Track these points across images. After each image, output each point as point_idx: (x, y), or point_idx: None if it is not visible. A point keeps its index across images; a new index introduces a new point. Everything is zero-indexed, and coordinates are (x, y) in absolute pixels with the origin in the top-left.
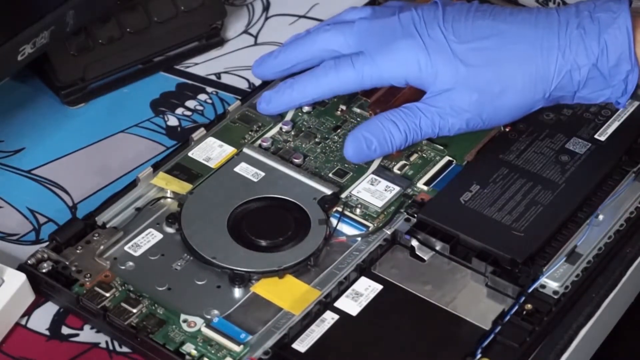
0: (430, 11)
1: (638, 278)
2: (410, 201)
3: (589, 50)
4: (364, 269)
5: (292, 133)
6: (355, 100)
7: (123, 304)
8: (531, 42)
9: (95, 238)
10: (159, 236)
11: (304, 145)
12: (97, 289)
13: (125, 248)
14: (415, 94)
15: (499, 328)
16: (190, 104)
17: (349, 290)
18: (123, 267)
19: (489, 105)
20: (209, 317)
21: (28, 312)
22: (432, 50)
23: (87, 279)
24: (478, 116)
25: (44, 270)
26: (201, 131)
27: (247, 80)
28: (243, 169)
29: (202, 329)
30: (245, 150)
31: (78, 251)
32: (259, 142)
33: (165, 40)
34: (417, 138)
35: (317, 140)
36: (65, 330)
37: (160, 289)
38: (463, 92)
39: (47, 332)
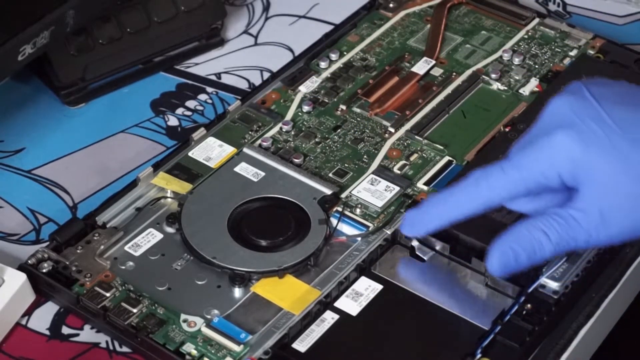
0: (580, 99)
1: (638, 278)
2: (410, 201)
3: None
4: (364, 269)
5: (292, 133)
6: (355, 100)
7: (123, 304)
8: None
9: (95, 238)
10: (159, 236)
11: (304, 145)
12: (97, 288)
13: (126, 248)
14: (416, 92)
15: (499, 328)
16: (191, 104)
17: (349, 290)
18: (123, 267)
19: None
20: (209, 317)
21: (28, 312)
22: (588, 144)
23: (87, 279)
24: None
25: (44, 270)
26: (201, 131)
27: (247, 80)
28: (243, 168)
29: (202, 329)
30: (245, 150)
31: (78, 251)
32: (259, 142)
33: (165, 40)
34: (568, 249)
35: (317, 140)
36: (65, 330)
37: (160, 289)
38: (627, 197)
39: (47, 332)
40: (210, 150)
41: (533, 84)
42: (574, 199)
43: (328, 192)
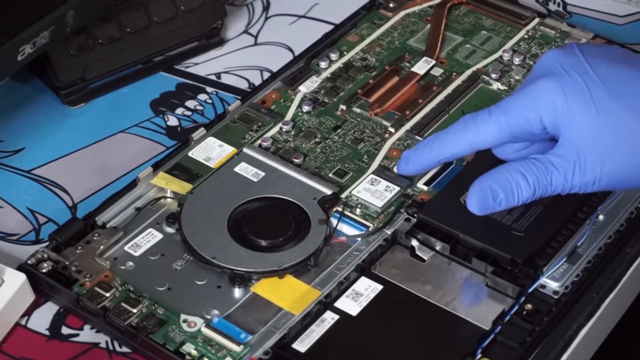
0: (569, 54)
1: (638, 278)
2: (410, 201)
3: None
4: (364, 269)
5: (292, 133)
6: (355, 100)
7: (123, 304)
8: None
9: (95, 238)
10: (159, 236)
11: (304, 145)
12: (97, 289)
13: (125, 248)
14: (416, 92)
15: (499, 328)
16: (190, 104)
17: (349, 290)
18: (123, 267)
19: (631, 163)
20: (209, 317)
21: (28, 312)
22: (570, 93)
23: (87, 279)
24: (618, 173)
25: (44, 270)
26: (201, 131)
27: (247, 80)
28: (243, 168)
29: (202, 329)
30: (245, 150)
31: (78, 251)
32: (259, 142)
33: (165, 40)
34: (545, 193)
35: (317, 140)
36: (65, 330)
37: (160, 289)
38: (603, 145)
39: (47, 332)
40: (210, 150)
41: None
42: (555, 147)
43: (328, 192)
